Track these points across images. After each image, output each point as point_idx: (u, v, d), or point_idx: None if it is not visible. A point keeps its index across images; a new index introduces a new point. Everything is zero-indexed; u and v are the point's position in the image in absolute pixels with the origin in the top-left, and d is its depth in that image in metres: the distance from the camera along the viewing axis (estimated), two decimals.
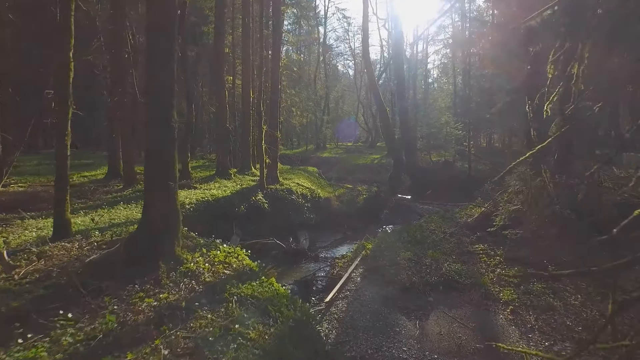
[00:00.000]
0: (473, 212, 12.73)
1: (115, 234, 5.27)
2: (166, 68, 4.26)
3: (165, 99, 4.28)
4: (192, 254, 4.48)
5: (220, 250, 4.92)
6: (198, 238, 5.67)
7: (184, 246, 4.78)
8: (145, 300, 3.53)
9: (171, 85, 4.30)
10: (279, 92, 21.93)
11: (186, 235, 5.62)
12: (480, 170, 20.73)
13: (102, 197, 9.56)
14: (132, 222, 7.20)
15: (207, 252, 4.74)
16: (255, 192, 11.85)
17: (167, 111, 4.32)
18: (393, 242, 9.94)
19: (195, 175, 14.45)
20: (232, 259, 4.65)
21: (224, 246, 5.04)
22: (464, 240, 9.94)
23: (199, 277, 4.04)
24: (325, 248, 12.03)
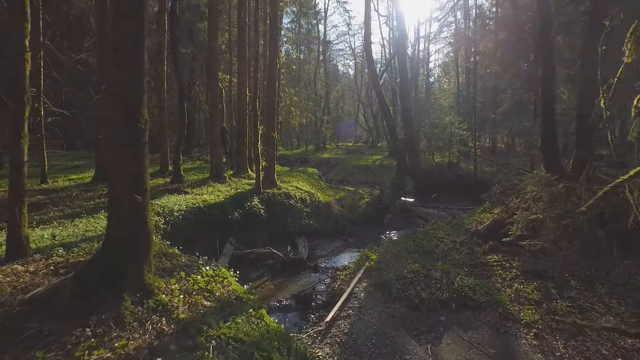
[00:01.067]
0: (482, 218, 12.00)
1: (81, 252, 4.51)
2: (135, 58, 3.52)
3: (132, 95, 3.55)
4: (167, 280, 3.74)
5: (202, 274, 4.18)
6: (180, 256, 4.93)
7: (160, 269, 4.06)
8: (94, 352, 2.75)
9: (140, 79, 3.57)
10: (278, 90, 21.22)
11: (165, 252, 4.90)
12: (486, 172, 19.98)
13: (83, 203, 8.82)
14: None
15: (187, 277, 4.00)
16: (250, 197, 11.11)
17: (135, 109, 3.59)
18: (399, 252, 9.19)
19: (189, 178, 13.70)
20: (214, 286, 3.91)
21: (206, 268, 4.30)
22: (476, 250, 9.20)
23: (171, 313, 3.30)
24: (326, 257, 11.28)
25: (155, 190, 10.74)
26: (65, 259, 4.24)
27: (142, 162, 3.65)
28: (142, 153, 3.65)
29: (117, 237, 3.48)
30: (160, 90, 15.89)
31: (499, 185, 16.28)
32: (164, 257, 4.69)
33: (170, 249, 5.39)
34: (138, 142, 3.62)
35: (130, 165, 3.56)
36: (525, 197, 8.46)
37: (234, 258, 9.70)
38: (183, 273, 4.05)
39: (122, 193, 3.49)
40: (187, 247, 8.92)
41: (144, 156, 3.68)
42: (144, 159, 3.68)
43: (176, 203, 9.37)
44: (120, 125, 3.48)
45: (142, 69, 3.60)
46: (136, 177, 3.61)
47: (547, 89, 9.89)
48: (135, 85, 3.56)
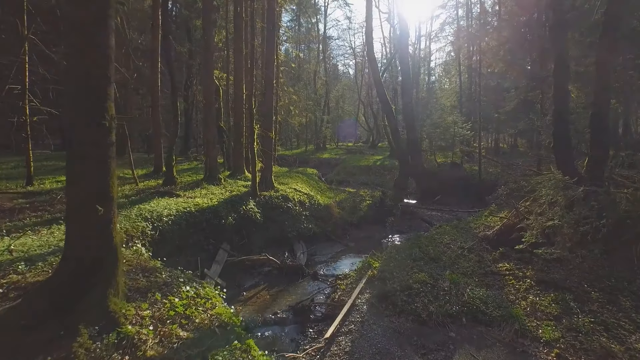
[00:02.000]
0: (490, 222, 11.43)
1: (47, 268, 3.90)
2: (98, 42, 2.95)
3: (95, 86, 2.97)
4: (138, 305, 3.17)
5: (181, 295, 3.59)
6: (160, 271, 4.33)
7: (133, 289, 3.49)
8: None
9: (105, 67, 2.99)
10: (276, 89, 20.64)
11: (144, 266, 4.33)
12: (491, 173, 19.39)
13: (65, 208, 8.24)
14: None
15: (163, 299, 3.43)
16: (246, 201, 10.53)
17: (98, 103, 3.01)
18: (403, 260, 8.62)
19: (182, 180, 13.12)
20: (194, 311, 3.34)
21: (186, 288, 3.73)
22: (486, 258, 8.63)
23: (137, 349, 2.72)
24: (325, 263, 10.71)
25: (145, 193, 10.17)
26: (23, 277, 3.64)
27: (107, 167, 3.07)
28: (107, 155, 3.07)
29: (76, 256, 2.92)
30: (153, 89, 15.32)
31: (506, 187, 15.73)
32: (142, 272, 4.13)
33: (151, 262, 4.81)
34: (102, 143, 3.04)
35: (91, 169, 2.98)
36: (540, 201, 7.88)
37: (228, 265, 9.14)
38: (159, 294, 3.48)
39: (82, 203, 2.92)
40: (177, 255, 8.36)
41: (110, 159, 3.11)
42: (110, 162, 3.11)
43: (166, 207, 8.79)
44: (81, 122, 2.91)
45: (108, 55, 3.03)
46: (100, 184, 3.03)
47: (559, 85, 9.32)
48: (99, 75, 2.99)
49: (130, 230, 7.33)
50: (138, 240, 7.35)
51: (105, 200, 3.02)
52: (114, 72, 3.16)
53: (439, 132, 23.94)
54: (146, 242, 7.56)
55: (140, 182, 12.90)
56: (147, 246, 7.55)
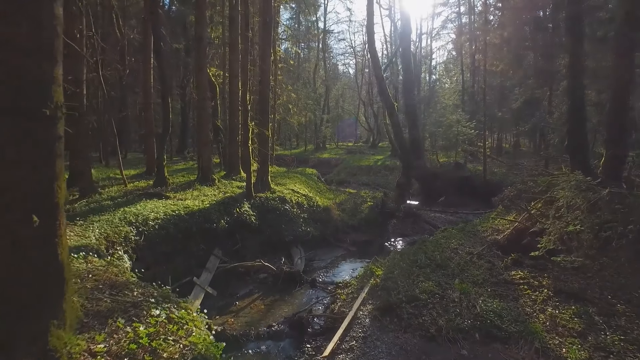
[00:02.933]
0: (498, 225, 10.82)
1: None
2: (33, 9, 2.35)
3: (31, 66, 2.36)
4: (92, 336, 2.58)
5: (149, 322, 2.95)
6: (132, 286, 3.69)
7: (91, 313, 2.88)
8: None
9: (45, 41, 2.39)
10: (274, 86, 20.02)
11: (113, 282, 3.73)
12: (496, 174, 18.79)
13: None
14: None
15: (126, 326, 2.82)
16: (240, 203, 9.91)
17: (37, 88, 2.40)
18: (408, 267, 8.00)
19: (174, 180, 12.50)
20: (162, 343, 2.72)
21: (157, 312, 3.11)
22: (497, 265, 8.00)
23: None
24: (325, 269, 10.10)
25: (133, 195, 9.56)
26: None
27: (49, 167, 2.46)
28: (51, 153, 2.46)
29: (11, 277, 2.32)
30: (146, 86, 14.74)
31: (512, 188, 15.07)
32: (109, 289, 3.53)
33: (122, 276, 4.20)
34: (42, 138, 2.43)
35: (26, 171, 2.37)
36: (557, 204, 7.27)
37: (220, 272, 8.53)
38: (121, 321, 2.87)
39: (15, 213, 2.31)
40: (164, 262, 7.75)
41: (55, 157, 2.50)
42: (55, 161, 2.50)
43: (153, 210, 8.18)
44: (12, 111, 2.30)
45: (49, 27, 2.42)
46: (38, 189, 2.42)
47: (575, 79, 8.72)
48: (36, 52, 2.38)
49: (111, 235, 6.73)
50: (120, 247, 6.75)
51: (47, 209, 2.42)
52: (60, 49, 2.55)
53: (441, 131, 23.35)
54: (129, 248, 6.96)
55: (131, 182, 12.30)
56: (130, 253, 6.95)
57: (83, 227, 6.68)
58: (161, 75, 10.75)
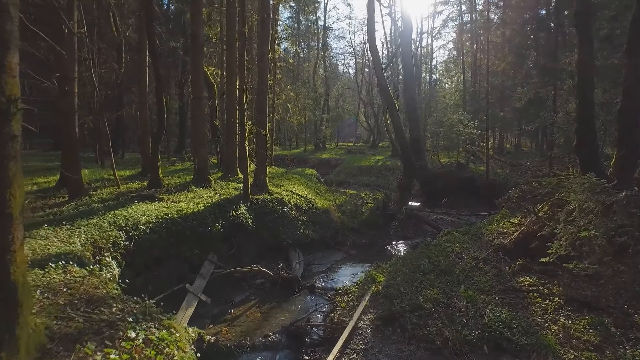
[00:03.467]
0: (504, 228, 10.47)
1: None
2: None
3: None
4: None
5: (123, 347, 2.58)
6: (112, 301, 3.33)
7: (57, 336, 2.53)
8: None
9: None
10: (273, 85, 19.66)
11: (90, 296, 3.37)
12: (499, 174, 18.43)
13: (28, 215, 7.29)
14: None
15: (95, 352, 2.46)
16: (236, 205, 9.56)
17: None
18: (411, 273, 7.66)
19: (169, 182, 12.15)
20: None
21: (133, 333, 2.76)
22: (504, 271, 7.65)
23: None
24: (324, 273, 9.74)
25: (125, 197, 9.21)
26: None
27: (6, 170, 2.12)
28: (1, 154, 2.12)
29: None
30: (141, 84, 14.41)
31: (517, 189, 14.72)
32: (85, 305, 3.17)
33: (103, 288, 3.84)
34: None
35: None
36: (568, 207, 6.91)
37: (215, 278, 8.17)
38: (91, 345, 2.50)
39: None
40: (155, 268, 7.41)
41: (9, 159, 2.15)
42: (8, 164, 2.15)
43: (145, 213, 7.83)
44: None
45: None
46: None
47: (584, 78, 8.36)
48: None
49: (98, 240, 6.37)
50: (108, 253, 6.40)
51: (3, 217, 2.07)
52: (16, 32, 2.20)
53: (442, 131, 23.00)
54: (118, 254, 6.61)
55: (125, 184, 11.96)
56: (119, 259, 6.60)
57: (69, 231, 6.33)
58: (156, 74, 10.40)
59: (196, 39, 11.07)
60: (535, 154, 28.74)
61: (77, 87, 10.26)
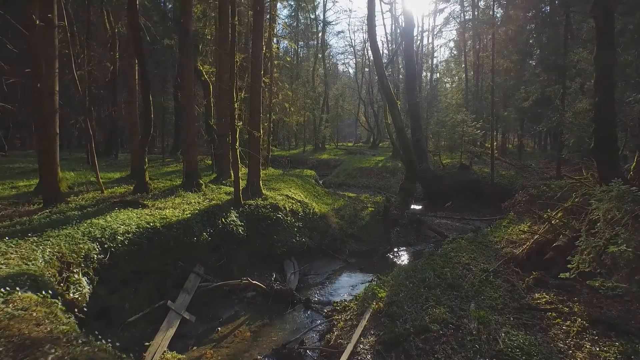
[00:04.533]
0: (513, 235, 9.80)
1: None
2: None
3: None
4: None
5: None
6: (43, 352, 2.63)
7: None
8: None
9: None
10: (270, 84, 18.99)
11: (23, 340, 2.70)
12: (504, 176, 17.77)
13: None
14: None
15: None
16: (226, 212, 8.88)
17: None
18: (415, 287, 6.99)
19: (158, 185, 11.48)
20: None
21: None
22: (517, 286, 6.98)
23: None
24: (321, 285, 9.08)
25: (106, 204, 8.55)
26: None
27: None
28: None
29: None
30: (130, 83, 13.77)
31: (524, 193, 14.05)
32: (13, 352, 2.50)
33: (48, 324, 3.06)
34: None
35: None
36: (591, 216, 6.24)
37: (201, 292, 7.50)
38: None
39: None
40: (134, 283, 6.74)
41: None
42: None
43: (125, 222, 7.17)
44: None
45: None
46: None
47: (604, 72, 7.68)
48: None
49: (66, 255, 5.71)
50: (78, 269, 5.73)
51: None
52: None
53: (444, 132, 22.32)
54: (90, 270, 5.94)
55: (111, 187, 11.30)
56: (91, 275, 5.93)
57: (33, 245, 5.66)
58: (141, 71, 9.73)
59: (186, 35, 10.40)
60: (539, 154, 28.08)
61: (57, 85, 9.60)
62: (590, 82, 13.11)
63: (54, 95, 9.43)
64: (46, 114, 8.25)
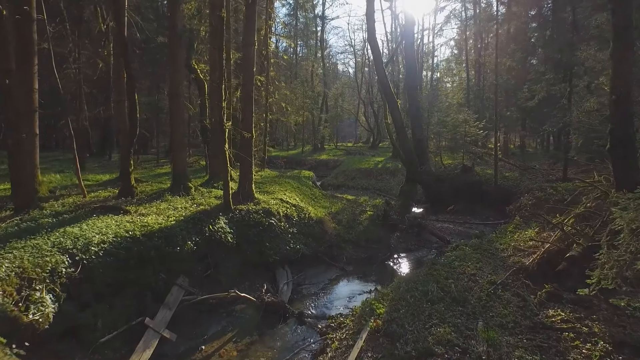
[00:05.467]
0: (520, 242, 9.23)
1: None
2: None
3: None
4: None
5: None
6: None
7: None
8: None
9: None
10: (266, 83, 18.42)
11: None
12: (508, 178, 17.15)
13: None
14: None
15: None
16: (214, 218, 8.29)
17: None
18: (417, 302, 6.40)
19: (145, 189, 10.90)
20: None
21: None
22: (529, 301, 6.40)
23: None
24: (315, 296, 8.50)
25: (85, 209, 7.97)
26: None
27: None
28: None
29: None
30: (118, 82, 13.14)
31: (530, 196, 13.49)
32: None
33: None
34: None
35: None
36: (613, 226, 5.66)
37: (185, 308, 6.92)
38: None
39: None
40: (109, 298, 6.16)
41: None
42: None
43: (101, 231, 6.60)
44: None
45: None
46: None
47: (621, 68, 7.09)
48: None
49: (29, 270, 5.13)
50: (41, 286, 5.15)
51: None
52: None
53: (445, 132, 21.75)
54: (57, 286, 5.36)
55: (96, 191, 10.73)
56: (58, 291, 5.35)
57: None
58: (125, 67, 9.15)
59: (173, 29, 9.83)
60: (541, 155, 27.47)
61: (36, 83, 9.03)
62: (599, 80, 12.58)
63: (33, 93, 8.86)
64: (20, 113, 7.67)
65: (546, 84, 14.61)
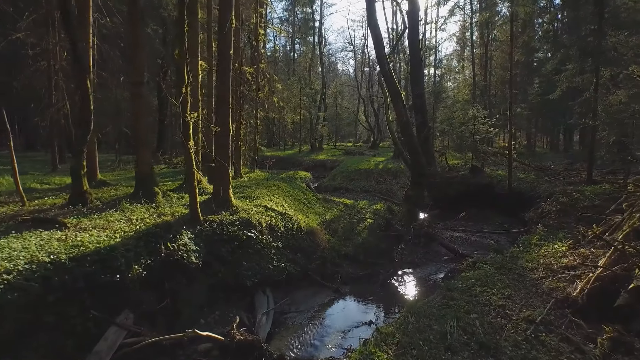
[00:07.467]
0: (551, 258, 7.59)
1: None
2: None
3: None
4: None
5: None
6: None
7: None
8: None
9: None
10: (255, 75, 16.80)
11: None
12: (523, 180, 15.52)
13: None
14: None
15: None
16: (176, 233, 6.65)
17: None
18: (432, 351, 4.75)
19: (104, 195, 9.28)
20: None
21: None
22: (586, 352, 4.73)
23: None
24: (302, 328, 6.84)
25: (10, 223, 6.33)
26: None
27: None
28: None
29: None
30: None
31: (553, 201, 11.84)
32: None
33: None
34: None
35: None
36: None
37: (126, 355, 5.25)
38: None
39: None
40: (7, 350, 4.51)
41: None
42: None
43: (12, 255, 4.96)
44: None
45: None
46: None
47: None
48: None
49: None
50: None
51: None
52: None
53: (451, 130, 20.12)
54: None
55: (44, 197, 9.13)
56: None
57: None
58: (72, 49, 7.53)
59: (134, 6, 8.19)
60: (552, 154, 25.81)
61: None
62: (628, 69, 10.97)
63: None
64: None
65: (570, 73, 12.96)
